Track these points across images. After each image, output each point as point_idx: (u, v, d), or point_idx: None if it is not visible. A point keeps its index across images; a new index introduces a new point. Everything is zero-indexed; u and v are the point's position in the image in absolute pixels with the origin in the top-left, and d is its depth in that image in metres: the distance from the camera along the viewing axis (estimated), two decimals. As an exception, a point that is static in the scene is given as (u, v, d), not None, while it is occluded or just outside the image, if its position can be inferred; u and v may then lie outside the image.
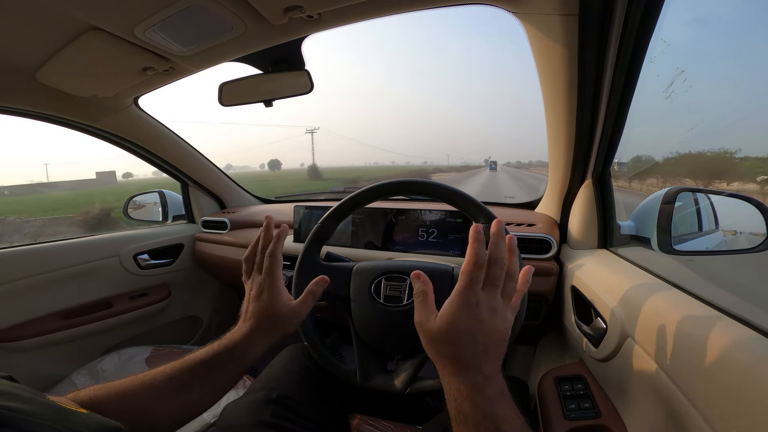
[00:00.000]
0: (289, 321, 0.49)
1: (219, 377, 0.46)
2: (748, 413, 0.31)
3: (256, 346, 0.48)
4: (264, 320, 0.48)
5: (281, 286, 0.50)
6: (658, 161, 7.11)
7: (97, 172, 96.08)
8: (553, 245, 0.84)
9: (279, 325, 0.49)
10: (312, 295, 0.50)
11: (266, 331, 0.48)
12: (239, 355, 0.47)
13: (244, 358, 0.47)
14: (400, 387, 0.54)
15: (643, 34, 0.52)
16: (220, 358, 0.46)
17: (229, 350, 0.46)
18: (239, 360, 0.47)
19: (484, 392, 0.34)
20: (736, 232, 0.70)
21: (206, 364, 0.45)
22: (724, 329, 0.37)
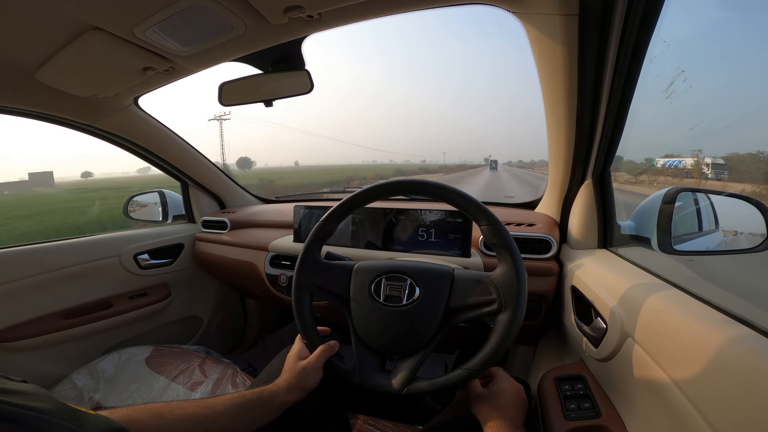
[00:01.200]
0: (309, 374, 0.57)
1: (247, 419, 0.52)
2: (748, 413, 0.31)
3: (281, 397, 0.55)
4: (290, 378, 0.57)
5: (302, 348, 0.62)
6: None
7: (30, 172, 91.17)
8: (553, 245, 0.84)
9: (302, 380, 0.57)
10: (325, 352, 0.59)
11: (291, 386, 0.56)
12: (267, 401, 0.54)
13: (270, 406, 0.54)
14: (398, 387, 0.54)
15: (643, 34, 0.52)
16: (252, 403, 0.52)
17: (260, 397, 0.53)
18: (265, 407, 0.53)
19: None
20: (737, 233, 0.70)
21: (241, 406, 0.51)
22: (724, 329, 0.37)
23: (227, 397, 0.52)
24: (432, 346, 0.56)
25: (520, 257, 0.53)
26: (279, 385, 0.56)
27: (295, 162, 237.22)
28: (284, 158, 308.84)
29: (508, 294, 0.51)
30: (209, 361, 1.05)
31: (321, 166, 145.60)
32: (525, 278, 0.52)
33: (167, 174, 1.33)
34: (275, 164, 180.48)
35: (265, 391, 0.54)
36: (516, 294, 0.51)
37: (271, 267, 1.08)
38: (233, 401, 0.51)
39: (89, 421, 0.30)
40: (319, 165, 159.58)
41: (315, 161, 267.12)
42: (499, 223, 0.54)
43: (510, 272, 0.52)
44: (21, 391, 0.28)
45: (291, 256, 1.06)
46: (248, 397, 0.52)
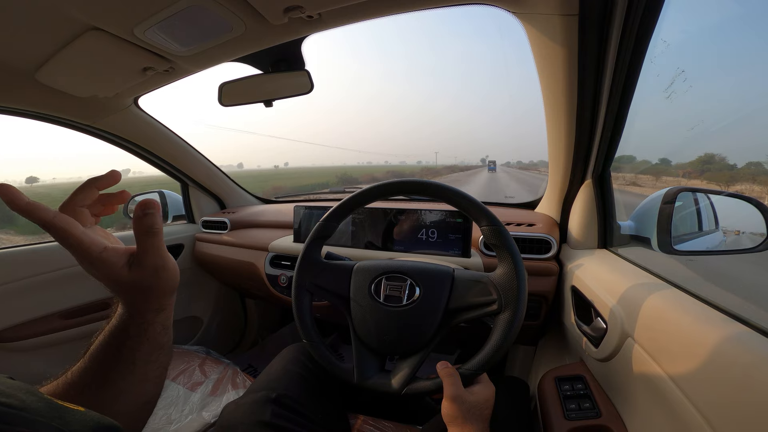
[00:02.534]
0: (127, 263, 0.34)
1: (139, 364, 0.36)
2: (748, 412, 0.31)
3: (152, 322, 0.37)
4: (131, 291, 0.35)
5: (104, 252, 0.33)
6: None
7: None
8: (553, 245, 0.84)
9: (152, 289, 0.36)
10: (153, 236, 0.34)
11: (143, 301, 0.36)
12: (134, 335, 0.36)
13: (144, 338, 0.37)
14: (397, 387, 0.54)
15: (643, 34, 0.52)
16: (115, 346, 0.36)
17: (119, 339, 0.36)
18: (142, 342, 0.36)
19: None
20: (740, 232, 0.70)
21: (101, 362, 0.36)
22: (724, 329, 0.37)
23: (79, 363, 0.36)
24: (432, 346, 0.56)
25: (520, 257, 0.53)
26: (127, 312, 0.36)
27: (285, 163, 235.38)
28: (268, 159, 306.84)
29: (508, 294, 0.51)
30: (209, 361, 1.06)
31: (310, 168, 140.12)
32: (525, 278, 0.52)
33: (167, 174, 1.33)
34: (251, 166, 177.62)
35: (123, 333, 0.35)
36: (516, 294, 0.51)
37: (271, 267, 1.08)
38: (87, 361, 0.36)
39: (75, 417, 0.28)
40: (309, 167, 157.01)
41: (306, 162, 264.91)
42: (499, 223, 0.54)
43: (510, 272, 0.52)
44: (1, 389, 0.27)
45: (291, 257, 1.06)
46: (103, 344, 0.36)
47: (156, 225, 0.34)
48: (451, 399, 0.49)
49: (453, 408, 0.49)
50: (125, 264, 0.34)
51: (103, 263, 0.33)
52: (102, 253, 0.33)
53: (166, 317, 0.38)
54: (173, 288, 0.38)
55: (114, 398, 0.35)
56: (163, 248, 0.36)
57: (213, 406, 0.91)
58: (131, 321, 0.36)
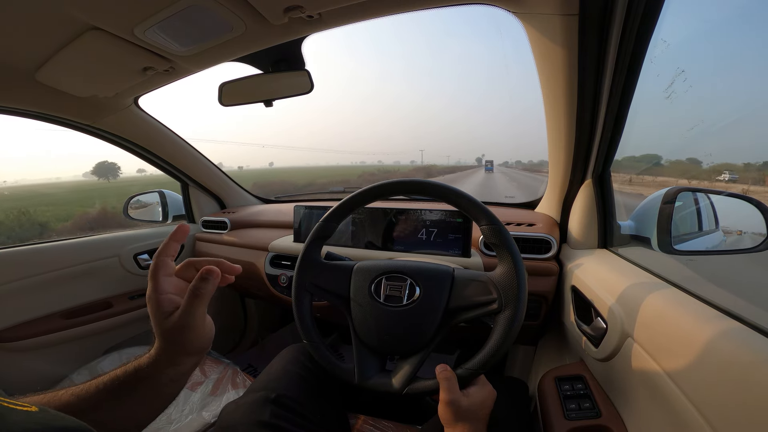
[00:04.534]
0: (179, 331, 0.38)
1: (130, 403, 0.38)
2: (748, 411, 0.31)
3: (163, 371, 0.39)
4: (160, 338, 0.39)
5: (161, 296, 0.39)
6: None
7: None
8: (553, 245, 0.84)
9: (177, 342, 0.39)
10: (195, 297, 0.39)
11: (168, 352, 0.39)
12: (144, 378, 0.38)
13: (150, 383, 0.39)
14: (398, 387, 0.54)
15: (643, 34, 0.52)
16: (131, 383, 0.38)
17: (134, 372, 0.38)
18: (146, 384, 0.39)
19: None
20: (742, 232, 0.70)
21: (133, 388, 0.39)
22: (724, 329, 0.37)
23: (103, 380, 0.38)
24: (432, 345, 0.56)
25: (520, 257, 0.53)
26: (154, 355, 0.39)
27: (270, 163, 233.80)
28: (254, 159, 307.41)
29: (508, 294, 0.51)
30: (209, 361, 1.05)
31: (298, 169, 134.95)
32: (525, 278, 0.52)
33: (167, 174, 1.33)
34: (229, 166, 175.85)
35: (141, 370, 0.38)
36: (516, 294, 0.51)
37: (272, 267, 1.08)
38: (106, 386, 0.38)
39: (18, 417, 0.25)
40: (298, 168, 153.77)
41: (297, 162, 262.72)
42: (498, 222, 0.54)
43: (510, 272, 0.52)
44: None
45: (291, 257, 1.06)
46: (122, 378, 0.38)
47: (204, 291, 0.39)
48: (446, 403, 0.50)
49: (447, 412, 0.50)
50: (170, 313, 0.38)
51: (158, 306, 0.38)
52: (160, 296, 0.38)
53: (177, 372, 0.40)
54: (197, 350, 0.41)
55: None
56: (199, 312, 0.40)
57: (213, 405, 0.91)
58: (150, 362, 0.39)
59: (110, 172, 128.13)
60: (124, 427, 0.39)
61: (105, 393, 0.38)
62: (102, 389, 0.38)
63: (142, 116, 1.06)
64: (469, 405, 0.50)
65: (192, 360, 0.41)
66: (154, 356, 0.39)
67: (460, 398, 0.50)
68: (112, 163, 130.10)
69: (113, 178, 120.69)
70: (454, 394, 0.50)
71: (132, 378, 0.38)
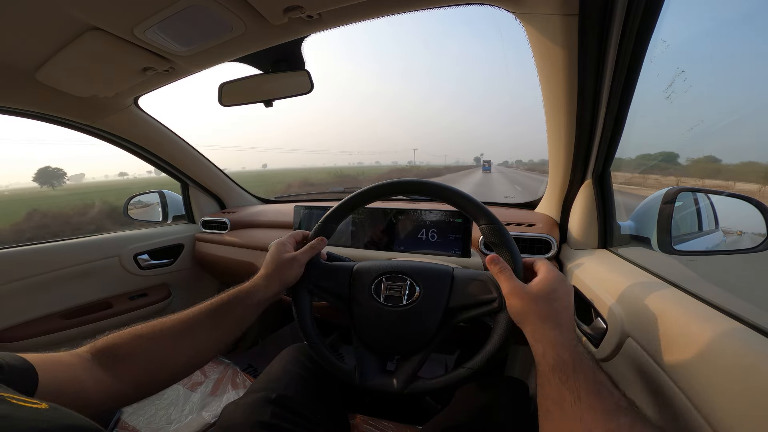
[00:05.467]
0: (290, 266, 0.57)
1: (227, 322, 0.52)
2: (748, 412, 0.31)
3: (260, 292, 0.54)
4: (269, 266, 0.56)
5: (287, 242, 0.60)
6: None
7: None
8: (553, 245, 0.84)
9: (281, 271, 0.56)
10: (312, 249, 0.60)
11: (269, 277, 0.55)
12: (244, 299, 0.53)
13: (249, 303, 0.53)
14: (399, 387, 0.54)
15: (643, 34, 0.52)
16: (229, 304, 0.52)
17: (236, 296, 0.53)
18: (244, 305, 0.53)
19: (576, 343, 0.41)
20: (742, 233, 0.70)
21: (217, 309, 0.51)
22: (725, 329, 0.37)
23: (205, 305, 0.51)
24: (433, 345, 0.56)
25: (519, 256, 0.53)
26: (256, 280, 0.55)
27: (263, 165, 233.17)
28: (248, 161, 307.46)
29: None
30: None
31: (292, 170, 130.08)
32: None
33: (167, 174, 1.33)
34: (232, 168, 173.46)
35: (242, 290, 0.53)
36: None
37: (271, 267, 1.08)
38: (210, 306, 0.51)
39: (23, 414, 0.25)
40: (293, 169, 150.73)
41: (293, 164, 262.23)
42: (498, 222, 0.54)
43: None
44: None
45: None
46: (225, 299, 0.52)
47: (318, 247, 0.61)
48: (510, 294, 0.46)
49: (516, 303, 0.45)
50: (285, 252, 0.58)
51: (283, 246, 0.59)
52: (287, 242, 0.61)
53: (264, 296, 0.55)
54: (288, 281, 0.58)
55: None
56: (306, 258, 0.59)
57: (213, 406, 0.91)
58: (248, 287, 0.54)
59: (54, 178, 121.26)
60: (213, 349, 0.51)
61: (206, 316, 0.50)
62: (204, 312, 0.50)
63: (142, 116, 1.06)
64: (539, 291, 0.45)
65: (279, 288, 0.56)
66: (254, 282, 0.55)
67: (523, 285, 0.46)
68: (57, 169, 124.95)
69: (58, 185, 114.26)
70: (514, 282, 0.46)
71: (228, 303, 0.51)
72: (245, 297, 0.53)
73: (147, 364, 0.45)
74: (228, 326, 0.52)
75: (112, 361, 0.43)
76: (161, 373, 0.46)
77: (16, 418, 0.24)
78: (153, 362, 0.45)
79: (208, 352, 0.51)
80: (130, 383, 0.43)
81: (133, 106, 1.00)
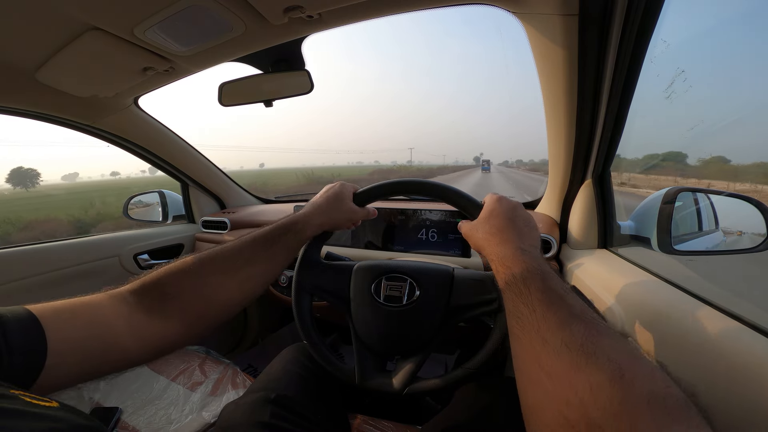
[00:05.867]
0: (347, 216, 0.59)
1: (278, 250, 0.52)
2: (748, 412, 0.31)
3: (314, 221, 0.55)
4: (329, 202, 0.57)
5: (350, 188, 0.61)
6: (663, 158, 6.96)
7: None
8: (553, 245, 0.84)
9: (338, 213, 0.58)
10: (368, 213, 0.63)
11: (324, 212, 0.57)
12: (298, 229, 0.54)
13: (301, 232, 0.54)
14: (399, 387, 0.54)
15: (643, 34, 0.52)
16: (281, 232, 0.52)
17: (288, 225, 0.53)
18: (296, 234, 0.54)
19: (525, 256, 0.40)
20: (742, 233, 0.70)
21: (269, 237, 0.51)
22: (724, 328, 0.37)
23: (258, 235, 0.52)
24: (433, 345, 0.56)
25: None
26: (309, 214, 0.56)
27: (260, 164, 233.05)
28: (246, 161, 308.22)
29: None
30: (209, 361, 1.05)
31: (292, 170, 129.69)
32: None
33: (167, 174, 1.33)
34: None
35: (296, 221, 0.55)
36: None
37: (271, 267, 1.08)
38: (265, 238, 0.51)
39: (36, 411, 0.25)
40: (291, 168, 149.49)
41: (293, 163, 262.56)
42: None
43: None
44: None
45: (291, 257, 1.06)
46: (278, 231, 0.53)
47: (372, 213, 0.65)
48: (465, 234, 0.52)
49: (470, 236, 0.50)
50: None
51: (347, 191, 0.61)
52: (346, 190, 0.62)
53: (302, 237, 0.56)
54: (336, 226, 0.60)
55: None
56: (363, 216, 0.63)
57: (213, 406, 0.91)
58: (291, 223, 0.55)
59: (28, 179, 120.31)
60: (265, 281, 0.52)
61: (262, 248, 0.50)
62: (260, 244, 0.50)
63: (142, 116, 1.06)
64: (481, 216, 0.50)
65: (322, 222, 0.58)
66: (308, 210, 0.57)
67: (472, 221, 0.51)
68: (30, 169, 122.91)
69: (32, 186, 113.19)
70: (466, 222, 0.52)
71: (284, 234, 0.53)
72: (300, 229, 0.54)
73: (199, 302, 0.44)
74: (280, 259, 0.52)
75: (163, 302, 0.42)
76: (215, 310, 0.46)
77: (34, 418, 0.24)
78: (205, 300, 0.45)
79: (261, 285, 0.51)
80: (179, 324, 0.43)
81: (133, 106, 1.00)
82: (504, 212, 0.48)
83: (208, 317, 0.46)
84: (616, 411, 0.23)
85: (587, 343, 0.28)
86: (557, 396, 0.27)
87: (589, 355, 0.27)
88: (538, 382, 0.29)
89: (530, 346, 0.32)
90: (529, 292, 0.35)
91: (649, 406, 0.23)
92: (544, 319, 0.32)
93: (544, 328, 0.32)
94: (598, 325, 0.30)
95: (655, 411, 0.23)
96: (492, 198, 0.51)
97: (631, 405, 0.23)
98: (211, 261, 0.47)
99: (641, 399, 0.23)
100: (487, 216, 0.49)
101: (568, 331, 0.30)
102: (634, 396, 0.24)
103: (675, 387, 0.25)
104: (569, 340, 0.29)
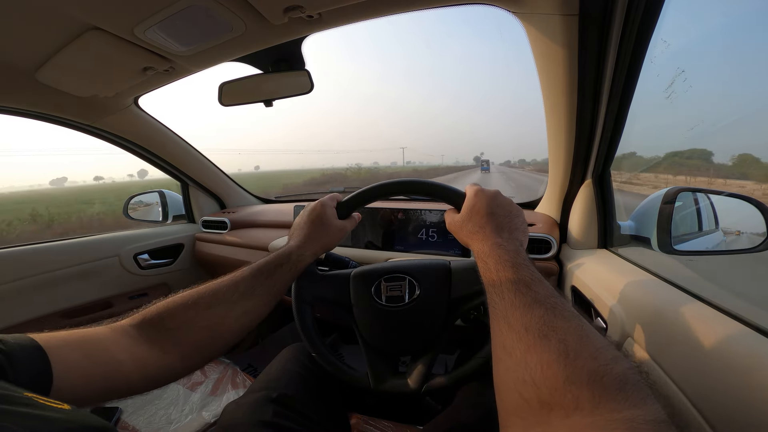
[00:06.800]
0: (336, 236, 0.59)
1: (275, 281, 0.52)
2: (748, 413, 0.31)
3: (307, 252, 0.56)
4: (316, 228, 0.57)
5: (331, 206, 0.60)
6: (660, 158, 6.85)
7: None
8: (553, 245, 0.84)
9: (327, 237, 0.58)
10: (355, 222, 0.64)
11: (315, 239, 0.57)
12: (294, 260, 0.54)
13: (297, 263, 0.55)
14: (415, 387, 0.54)
15: (643, 34, 0.52)
16: (277, 263, 0.53)
17: (283, 258, 0.54)
18: (293, 265, 0.54)
19: (501, 250, 0.42)
20: (741, 233, 0.70)
21: (265, 271, 0.52)
22: (724, 329, 0.37)
23: (255, 268, 0.52)
24: (442, 341, 0.56)
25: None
26: (301, 243, 0.56)
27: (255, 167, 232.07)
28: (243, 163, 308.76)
29: None
30: (209, 361, 1.06)
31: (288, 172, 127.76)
32: None
33: (167, 174, 1.33)
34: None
35: (290, 252, 0.54)
36: None
37: (271, 267, 1.08)
38: (262, 270, 0.52)
39: (53, 415, 0.25)
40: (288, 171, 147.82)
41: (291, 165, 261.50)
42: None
43: None
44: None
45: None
46: (275, 262, 0.53)
47: (357, 220, 0.65)
48: (449, 228, 0.53)
49: (455, 232, 0.51)
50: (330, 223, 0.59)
51: (329, 210, 0.59)
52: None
53: (301, 259, 0.55)
54: (326, 246, 0.59)
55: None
56: (350, 227, 0.63)
57: (213, 405, 0.91)
58: (285, 250, 0.54)
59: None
60: (263, 312, 0.52)
61: (260, 279, 0.50)
62: (257, 275, 0.50)
63: (142, 116, 1.06)
64: (462, 211, 0.51)
65: (321, 251, 0.58)
66: (300, 242, 0.56)
67: (456, 216, 0.52)
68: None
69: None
70: (450, 214, 0.53)
71: (279, 265, 0.52)
72: (295, 261, 0.54)
73: (197, 335, 0.44)
74: (278, 289, 0.53)
75: (163, 335, 0.42)
76: (213, 343, 0.46)
77: (49, 420, 0.24)
78: (204, 332, 0.45)
79: (258, 316, 0.51)
80: (177, 357, 0.42)
81: (134, 106, 1.00)
82: (484, 207, 0.49)
83: (205, 349, 0.46)
84: (561, 388, 0.25)
85: (543, 327, 0.30)
86: (516, 376, 0.29)
87: (543, 336, 0.29)
88: (503, 364, 0.32)
89: (499, 332, 0.34)
90: (500, 282, 0.37)
91: (588, 384, 0.24)
92: (512, 305, 0.34)
93: (510, 314, 0.34)
94: (556, 309, 0.32)
95: (594, 388, 0.24)
96: (471, 191, 0.52)
97: (574, 383, 0.25)
98: (210, 294, 0.47)
99: (582, 377, 0.25)
100: (468, 213, 0.50)
101: (529, 316, 0.32)
102: (576, 374, 0.25)
103: (620, 365, 0.26)
104: (529, 323, 0.31)
